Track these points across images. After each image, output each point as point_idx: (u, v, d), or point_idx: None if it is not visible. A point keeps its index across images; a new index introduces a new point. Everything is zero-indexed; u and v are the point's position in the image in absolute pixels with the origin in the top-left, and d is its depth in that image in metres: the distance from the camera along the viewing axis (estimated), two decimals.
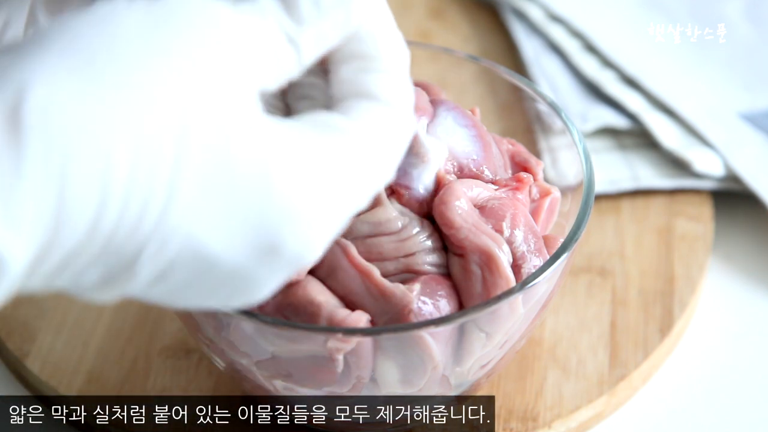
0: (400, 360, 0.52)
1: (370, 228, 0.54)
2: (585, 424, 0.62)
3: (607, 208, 0.74)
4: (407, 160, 0.55)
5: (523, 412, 0.62)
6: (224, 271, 0.40)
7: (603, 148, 0.77)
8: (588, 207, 0.56)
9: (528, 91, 0.63)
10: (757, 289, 0.70)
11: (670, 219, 0.73)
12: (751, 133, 0.76)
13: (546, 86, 0.80)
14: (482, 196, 0.55)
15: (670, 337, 0.66)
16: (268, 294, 0.42)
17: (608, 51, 0.82)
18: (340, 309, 0.52)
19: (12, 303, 0.68)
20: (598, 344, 0.65)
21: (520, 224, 0.54)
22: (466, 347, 0.53)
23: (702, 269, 0.70)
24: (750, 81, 0.80)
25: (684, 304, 0.68)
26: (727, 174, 0.74)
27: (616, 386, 0.63)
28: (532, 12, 0.86)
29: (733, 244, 0.73)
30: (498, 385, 0.63)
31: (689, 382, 0.65)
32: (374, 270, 0.52)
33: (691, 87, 0.79)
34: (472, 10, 0.90)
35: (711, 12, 0.85)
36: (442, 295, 0.53)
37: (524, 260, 0.54)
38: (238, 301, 0.42)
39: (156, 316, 0.66)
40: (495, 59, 0.80)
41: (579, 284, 0.69)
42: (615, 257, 0.71)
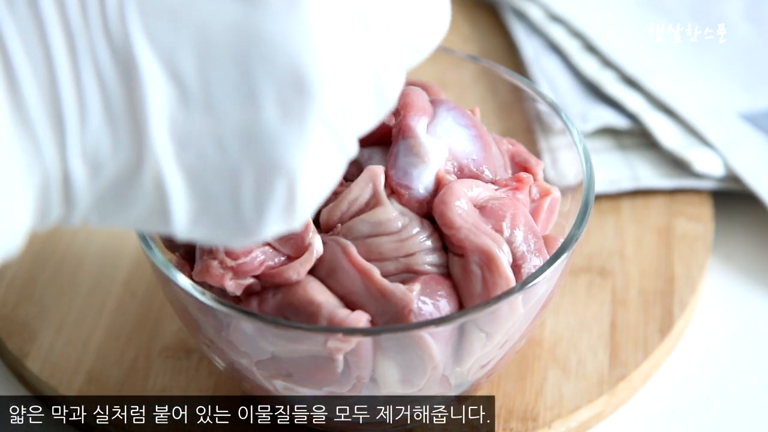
0: (400, 360, 0.52)
1: (370, 228, 0.54)
2: (585, 424, 0.62)
3: (607, 208, 0.74)
4: (407, 160, 0.55)
5: (523, 412, 0.62)
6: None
7: (603, 148, 0.77)
8: (588, 207, 0.56)
9: (528, 91, 0.63)
10: (757, 289, 0.71)
11: (670, 219, 0.73)
12: (751, 133, 0.76)
13: (546, 86, 0.80)
14: (482, 196, 0.55)
15: (670, 337, 0.66)
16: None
17: (608, 51, 0.82)
18: (340, 309, 0.52)
19: (12, 303, 0.68)
20: (598, 344, 0.65)
21: (520, 224, 0.54)
22: (466, 347, 0.53)
23: (702, 269, 0.70)
24: (750, 81, 0.80)
25: (684, 304, 0.68)
26: (727, 174, 0.74)
27: (616, 386, 0.63)
28: (532, 12, 0.86)
29: (733, 244, 0.73)
30: (498, 385, 0.63)
31: (689, 382, 0.65)
32: (374, 270, 0.52)
33: (691, 87, 0.79)
34: (472, 10, 0.90)
35: (711, 12, 0.85)
36: (442, 295, 0.53)
37: (524, 260, 0.54)
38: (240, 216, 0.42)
39: (156, 316, 0.66)
40: (495, 59, 0.80)
41: (579, 284, 0.69)
42: (615, 257, 0.71)
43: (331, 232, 0.55)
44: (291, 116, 0.40)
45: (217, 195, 0.41)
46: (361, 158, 0.58)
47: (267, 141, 0.40)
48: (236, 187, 0.41)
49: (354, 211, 0.55)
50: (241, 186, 0.41)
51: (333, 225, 0.55)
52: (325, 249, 0.53)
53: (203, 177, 0.41)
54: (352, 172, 0.57)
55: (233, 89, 0.40)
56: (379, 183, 0.54)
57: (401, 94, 0.57)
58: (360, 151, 0.59)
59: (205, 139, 0.40)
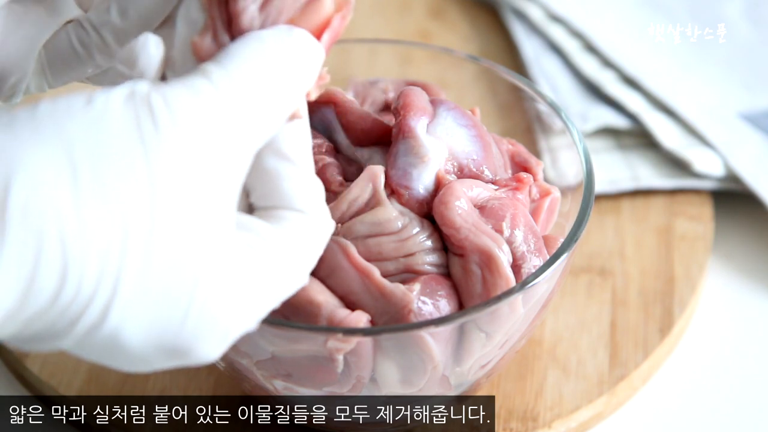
0: (400, 360, 0.52)
1: (370, 228, 0.54)
2: (585, 424, 0.62)
3: (607, 208, 0.74)
4: (407, 159, 0.55)
5: (523, 412, 0.62)
6: (129, 356, 0.42)
7: (603, 148, 0.77)
8: (588, 207, 0.56)
9: (528, 91, 0.63)
10: (757, 289, 0.71)
11: (670, 219, 0.73)
12: (751, 133, 0.76)
13: (546, 86, 0.80)
14: (482, 196, 0.55)
15: (670, 337, 0.66)
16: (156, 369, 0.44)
17: (608, 51, 0.82)
18: (340, 309, 0.52)
19: None
20: (598, 344, 0.65)
21: (520, 224, 0.54)
22: (466, 347, 0.53)
23: (702, 269, 0.70)
24: (750, 81, 0.80)
25: (684, 304, 0.68)
26: (727, 174, 0.74)
27: (616, 386, 0.63)
28: (532, 12, 0.86)
29: (733, 244, 0.73)
30: (498, 385, 0.63)
31: (689, 382, 0.65)
32: (374, 270, 0.52)
33: (691, 87, 0.79)
34: (472, 10, 0.90)
35: (711, 12, 0.85)
36: (442, 295, 0.53)
37: (524, 260, 0.54)
38: (131, 369, 0.44)
39: None
40: (495, 59, 0.80)
41: (579, 284, 0.69)
42: (615, 257, 0.71)
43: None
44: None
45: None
46: (361, 158, 0.58)
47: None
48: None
49: (354, 211, 0.54)
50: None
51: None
52: (325, 249, 0.53)
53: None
54: (352, 172, 0.57)
55: None
56: (379, 183, 0.54)
57: (401, 94, 0.57)
58: (360, 151, 0.59)
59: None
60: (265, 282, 0.44)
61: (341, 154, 0.59)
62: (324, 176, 0.56)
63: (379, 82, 0.65)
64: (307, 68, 0.45)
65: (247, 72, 0.44)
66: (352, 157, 0.59)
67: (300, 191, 0.46)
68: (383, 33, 0.88)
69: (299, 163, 0.46)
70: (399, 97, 0.57)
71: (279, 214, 0.46)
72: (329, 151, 0.58)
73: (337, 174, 0.57)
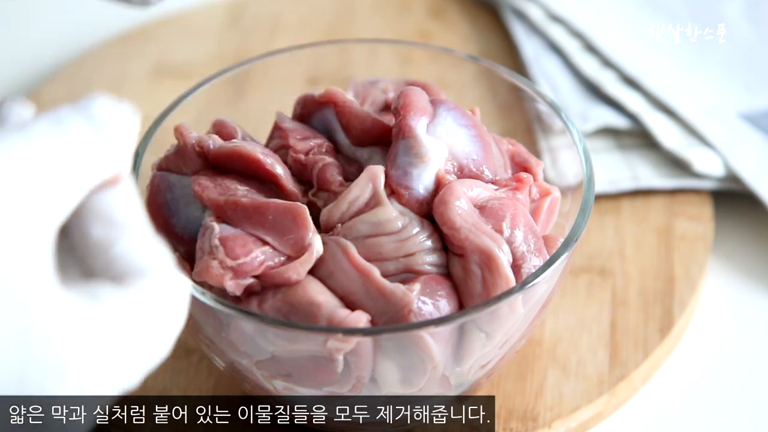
0: (400, 360, 0.52)
1: (370, 228, 0.54)
2: (585, 424, 0.62)
3: (607, 208, 0.74)
4: (407, 159, 0.55)
5: (523, 412, 0.62)
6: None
7: (603, 148, 0.77)
8: (588, 207, 0.56)
9: (528, 91, 0.63)
10: (757, 289, 0.71)
11: (670, 219, 0.73)
12: (751, 133, 0.76)
13: (546, 86, 0.80)
14: (482, 196, 0.55)
15: (670, 337, 0.66)
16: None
17: (608, 51, 0.82)
18: (340, 309, 0.52)
19: None
20: (598, 344, 0.65)
21: (520, 224, 0.54)
22: (466, 347, 0.53)
23: (702, 269, 0.70)
24: (750, 81, 0.80)
25: (684, 304, 0.68)
26: (727, 174, 0.74)
27: (616, 386, 0.63)
28: (532, 12, 0.86)
29: (733, 244, 0.73)
30: (498, 385, 0.63)
31: (689, 382, 0.65)
32: (374, 270, 0.52)
33: (691, 87, 0.79)
34: (472, 10, 0.90)
35: (711, 12, 0.85)
36: (442, 295, 0.53)
37: (524, 260, 0.54)
38: None
39: None
40: (495, 59, 0.80)
41: (579, 284, 0.69)
42: (615, 257, 0.71)
43: (331, 232, 0.55)
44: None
45: None
46: (361, 158, 0.58)
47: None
48: None
49: (354, 211, 0.55)
50: None
51: (333, 225, 0.55)
52: (325, 249, 0.53)
53: None
54: (352, 172, 0.57)
55: None
56: (379, 183, 0.54)
57: (401, 94, 0.57)
58: (360, 151, 0.59)
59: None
60: (114, 343, 0.42)
61: (341, 154, 0.59)
62: (324, 176, 0.56)
63: (379, 82, 0.65)
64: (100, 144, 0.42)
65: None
66: (352, 157, 0.59)
67: (135, 253, 0.43)
68: (383, 33, 0.88)
69: (128, 226, 0.43)
70: (399, 97, 0.57)
71: (122, 280, 0.43)
72: (329, 151, 0.58)
73: (337, 174, 0.57)
